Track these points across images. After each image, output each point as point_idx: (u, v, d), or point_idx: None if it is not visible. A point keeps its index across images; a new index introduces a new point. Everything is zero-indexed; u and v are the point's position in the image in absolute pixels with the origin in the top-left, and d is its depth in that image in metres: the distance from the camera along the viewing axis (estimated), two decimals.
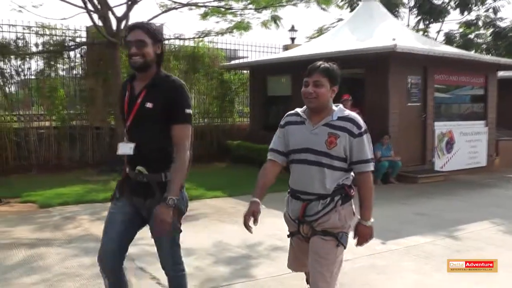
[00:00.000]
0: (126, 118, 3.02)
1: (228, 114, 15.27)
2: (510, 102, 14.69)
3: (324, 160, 2.94)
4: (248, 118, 15.42)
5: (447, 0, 23.57)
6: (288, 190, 3.18)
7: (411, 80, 11.19)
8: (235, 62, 15.49)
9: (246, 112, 15.87)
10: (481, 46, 24.03)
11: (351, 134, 2.93)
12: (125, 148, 2.98)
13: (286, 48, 16.74)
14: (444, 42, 22.10)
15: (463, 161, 12.32)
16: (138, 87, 2.99)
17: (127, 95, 3.02)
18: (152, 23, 3.05)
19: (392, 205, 8.31)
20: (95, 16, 11.34)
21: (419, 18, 23.97)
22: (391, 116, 10.81)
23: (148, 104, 2.90)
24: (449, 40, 23.40)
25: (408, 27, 21.06)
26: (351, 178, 3.07)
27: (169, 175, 2.93)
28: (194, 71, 14.01)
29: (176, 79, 3.00)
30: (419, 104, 11.40)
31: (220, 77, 14.81)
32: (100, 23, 11.39)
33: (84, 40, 12.76)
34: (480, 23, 24.19)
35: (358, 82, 11.36)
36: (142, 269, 4.87)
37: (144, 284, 4.49)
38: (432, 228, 6.73)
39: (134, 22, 3.00)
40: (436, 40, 20.91)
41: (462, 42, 23.19)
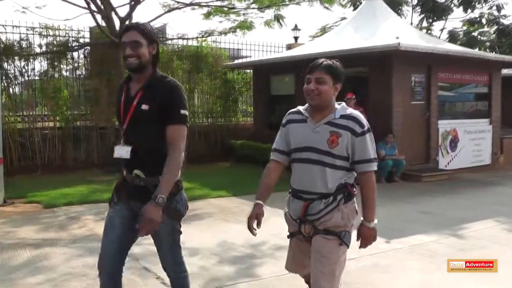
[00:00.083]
0: (122, 120, 2.96)
1: (232, 114, 15.29)
2: None
3: (326, 159, 2.89)
4: (252, 118, 15.44)
5: None
6: (289, 190, 3.12)
7: (415, 79, 11.18)
8: (239, 61, 15.50)
9: (249, 111, 15.88)
10: (485, 44, 23.97)
11: (354, 132, 2.88)
12: (121, 151, 2.94)
13: (289, 47, 16.74)
14: (448, 40, 22.06)
15: (467, 159, 12.30)
16: (134, 88, 2.94)
17: (123, 97, 2.98)
18: (147, 24, 2.99)
19: (396, 203, 8.30)
20: (98, 17, 11.38)
21: (423, 16, 23.93)
22: (395, 115, 10.80)
23: (144, 106, 2.84)
24: (452, 38, 23.35)
25: (412, 25, 21.00)
26: (354, 177, 3.01)
27: None
28: (197, 70, 14.01)
29: (172, 80, 2.93)
30: (423, 102, 11.38)
31: (223, 76, 14.83)
32: (103, 24, 11.42)
33: (87, 40, 12.80)
34: (483, 20, 24.15)
35: (362, 80, 11.35)
36: (147, 269, 4.88)
37: (148, 284, 4.51)
38: (436, 226, 6.72)
39: (129, 23, 2.95)
40: (439, 38, 20.89)
41: (465, 40, 23.14)
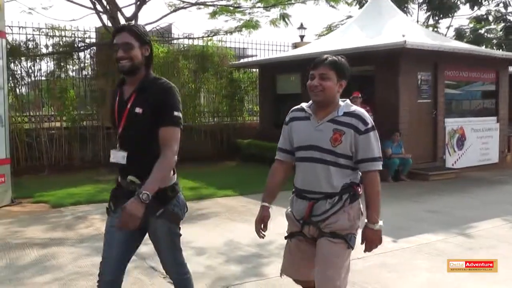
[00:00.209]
0: (117, 124, 2.89)
1: (238, 113, 15.29)
2: None
3: (329, 157, 2.81)
4: (258, 117, 15.44)
5: None
6: (292, 190, 3.04)
7: (421, 77, 11.13)
8: (244, 60, 15.49)
9: (255, 110, 15.88)
10: (492, 41, 23.85)
11: (357, 130, 2.79)
12: (117, 156, 2.87)
13: (295, 46, 16.72)
14: (454, 38, 21.98)
15: (475, 157, 12.23)
16: (128, 91, 2.88)
17: (117, 100, 2.92)
18: (139, 25, 2.91)
19: (403, 202, 8.28)
20: (104, 17, 11.41)
21: (429, 13, 23.82)
22: (401, 113, 10.76)
23: (138, 109, 2.77)
24: (459, 36, 23.24)
25: (418, 23, 20.93)
26: (360, 176, 2.93)
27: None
28: (203, 70, 14.03)
29: (166, 81, 2.87)
30: (430, 100, 11.33)
31: (229, 76, 14.84)
32: (109, 24, 11.44)
33: (93, 41, 12.83)
34: (490, 18, 24.00)
35: (368, 79, 11.32)
36: (154, 268, 4.88)
37: (155, 283, 4.51)
38: (444, 225, 6.69)
39: (120, 25, 2.89)
40: (446, 36, 20.80)
41: (472, 37, 23.02)
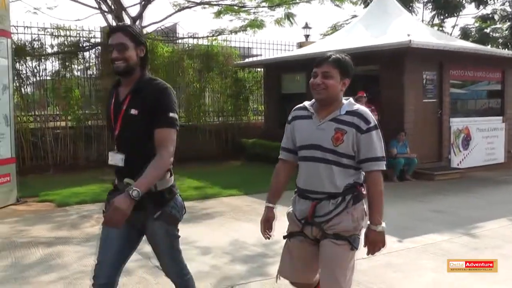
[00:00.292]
0: (113, 126, 2.85)
1: (243, 112, 15.28)
2: None
3: (331, 157, 2.76)
4: (263, 116, 15.44)
5: None
6: (295, 190, 3.00)
7: (427, 76, 11.10)
8: (249, 60, 15.49)
9: (260, 110, 15.88)
10: (497, 41, 23.74)
11: (359, 129, 2.74)
12: (115, 158, 2.84)
13: (300, 45, 16.71)
14: (460, 37, 21.90)
15: (480, 157, 12.19)
16: (123, 93, 2.85)
17: (112, 102, 2.88)
18: (134, 25, 2.92)
19: (408, 202, 8.27)
20: (109, 17, 11.42)
21: (434, 13, 23.74)
22: (406, 113, 10.74)
23: (133, 111, 2.74)
24: (465, 35, 23.15)
25: (423, 22, 20.88)
26: (363, 176, 2.87)
27: (159, 184, 2.77)
28: (208, 69, 14.04)
29: (161, 82, 2.82)
30: (435, 100, 11.30)
31: (234, 75, 14.84)
32: (114, 23, 11.45)
33: (98, 40, 12.84)
34: (496, 17, 23.89)
35: (373, 78, 11.30)
36: (158, 267, 4.81)
37: (160, 283, 4.50)
38: (449, 225, 6.67)
39: (115, 25, 2.85)
40: (451, 35, 20.73)
41: (478, 36, 22.92)
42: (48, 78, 12.50)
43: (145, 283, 4.50)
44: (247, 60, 15.54)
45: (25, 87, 12.25)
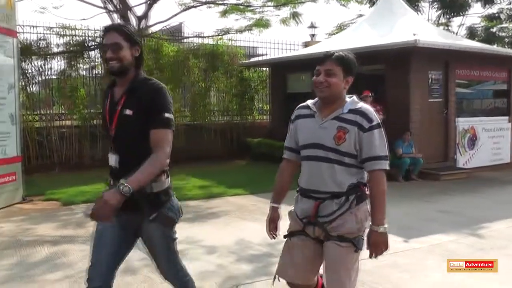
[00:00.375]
0: (109, 127, 2.81)
1: (248, 112, 15.28)
2: None
3: (333, 156, 2.72)
4: (268, 116, 15.42)
5: None
6: (297, 189, 2.95)
7: (433, 76, 11.06)
8: (255, 59, 15.48)
9: (265, 109, 15.87)
10: (504, 40, 23.64)
11: (361, 128, 2.68)
12: (112, 159, 2.82)
13: (306, 45, 16.68)
14: (466, 37, 21.81)
15: (486, 157, 12.13)
16: (118, 93, 2.81)
17: (107, 103, 2.85)
18: (129, 25, 2.87)
19: (414, 202, 8.24)
20: (115, 16, 11.44)
21: (440, 12, 23.66)
22: (412, 112, 10.72)
23: (128, 111, 2.71)
24: (471, 34, 23.05)
25: (429, 21, 20.80)
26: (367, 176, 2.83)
27: (154, 186, 2.73)
28: (213, 69, 14.04)
29: (156, 81, 2.78)
30: (441, 99, 11.26)
31: (239, 74, 14.83)
32: (120, 23, 11.47)
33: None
34: (502, 16, 23.78)
35: (378, 78, 11.27)
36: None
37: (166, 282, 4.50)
38: (455, 226, 6.64)
39: (109, 24, 2.80)
40: (457, 35, 20.65)
41: (484, 36, 22.83)
42: (54, 77, 12.53)
43: (150, 282, 4.50)
44: (252, 59, 15.54)
45: (31, 86, 12.31)
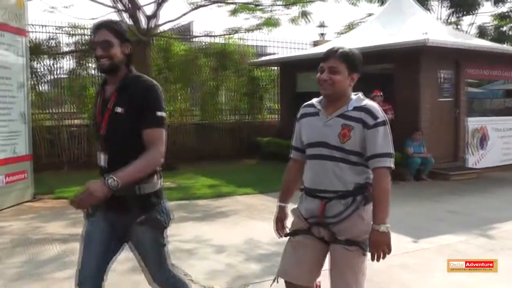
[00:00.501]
0: (99, 126, 2.76)
1: (258, 111, 15.27)
2: None
3: (337, 154, 2.66)
4: (277, 115, 15.41)
5: None
6: (301, 187, 2.90)
7: (443, 75, 11.00)
8: (264, 58, 15.46)
9: (275, 108, 15.85)
10: None
11: (365, 125, 2.62)
12: (100, 158, 2.79)
13: (315, 44, 16.64)
14: (477, 36, 21.68)
15: (497, 158, 12.04)
16: (109, 91, 2.77)
17: (99, 101, 2.81)
18: (119, 21, 2.81)
19: (424, 202, 8.21)
20: (125, 15, 11.45)
21: (451, 11, 23.54)
22: (422, 112, 10.66)
23: (119, 109, 2.65)
24: (482, 33, 22.93)
25: (439, 20, 20.70)
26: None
27: (142, 187, 2.68)
28: (223, 68, 14.05)
29: (148, 79, 2.73)
30: (451, 99, 11.19)
31: (249, 74, 14.83)
32: (130, 22, 11.49)
33: None
34: None
35: (388, 77, 11.22)
36: (174, 265, 4.88)
37: None
38: (465, 226, 6.60)
39: (99, 21, 2.74)
40: (468, 33, 20.53)
41: (495, 35, 22.69)
42: (64, 76, 12.58)
43: None
44: (262, 58, 15.52)
45: (41, 85, 12.36)
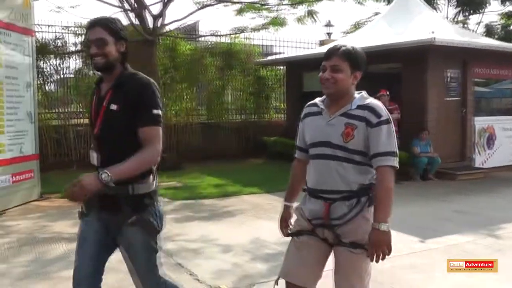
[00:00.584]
0: (94, 124, 2.73)
1: (264, 110, 15.28)
2: None
3: (341, 154, 2.61)
4: (284, 114, 15.39)
5: None
6: (304, 188, 2.86)
7: (450, 74, 10.94)
8: (271, 58, 15.45)
9: (281, 108, 15.84)
10: None
11: (369, 123, 2.58)
12: (93, 157, 2.74)
13: (322, 43, 16.59)
14: (484, 34, 21.57)
15: (505, 157, 11.95)
16: (104, 89, 2.73)
17: (94, 99, 2.77)
18: (114, 19, 2.76)
19: (431, 202, 8.18)
20: (131, 15, 11.48)
21: (458, 9, 23.44)
22: (429, 111, 10.62)
23: (113, 106, 2.62)
24: (489, 32, 22.81)
25: (447, 19, 20.61)
26: None
27: (136, 187, 2.63)
28: (229, 67, 14.06)
29: (144, 76, 2.69)
30: (458, 98, 11.14)
31: (256, 73, 14.83)
32: (136, 22, 11.51)
33: None
34: None
35: (394, 76, 11.18)
36: (180, 264, 4.90)
37: (181, 280, 4.50)
38: (472, 226, 6.56)
39: (94, 18, 2.70)
40: (476, 32, 20.44)
41: (502, 34, 22.58)
42: (71, 76, 12.62)
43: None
44: (268, 58, 15.50)
45: (47, 84, 12.41)
